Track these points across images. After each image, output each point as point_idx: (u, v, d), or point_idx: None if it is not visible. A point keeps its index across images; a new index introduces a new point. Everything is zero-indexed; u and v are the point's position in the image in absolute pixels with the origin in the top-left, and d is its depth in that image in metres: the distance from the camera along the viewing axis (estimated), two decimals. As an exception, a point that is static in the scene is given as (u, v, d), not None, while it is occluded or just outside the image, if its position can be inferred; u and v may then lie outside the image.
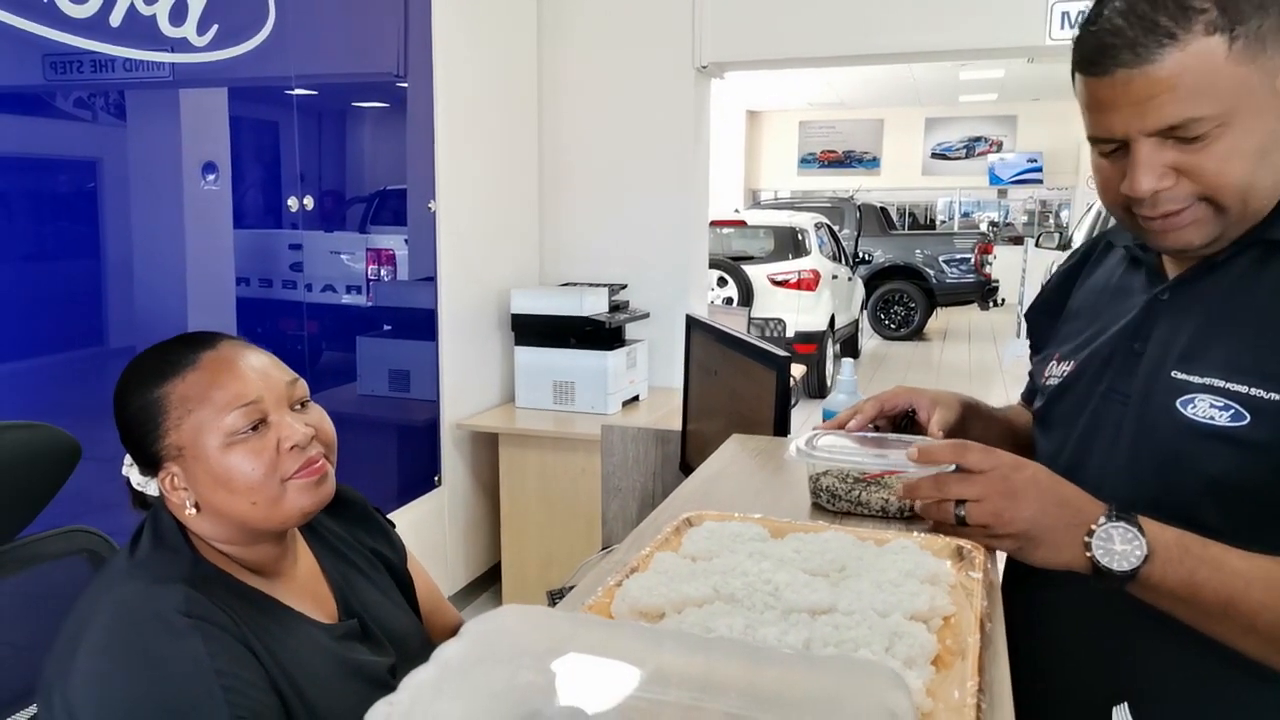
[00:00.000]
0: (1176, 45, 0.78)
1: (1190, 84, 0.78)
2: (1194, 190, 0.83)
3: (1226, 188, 0.82)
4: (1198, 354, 0.86)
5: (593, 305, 3.25)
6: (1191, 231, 0.85)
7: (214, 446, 0.94)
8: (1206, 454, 0.83)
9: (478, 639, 0.47)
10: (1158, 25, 0.79)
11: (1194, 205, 0.84)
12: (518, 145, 3.55)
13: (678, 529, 0.88)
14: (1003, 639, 0.73)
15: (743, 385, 1.68)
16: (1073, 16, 3.18)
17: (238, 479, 0.94)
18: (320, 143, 2.80)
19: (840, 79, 11.29)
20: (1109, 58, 0.81)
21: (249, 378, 0.97)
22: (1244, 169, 0.81)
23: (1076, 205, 12.97)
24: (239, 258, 2.41)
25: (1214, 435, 0.82)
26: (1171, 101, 0.79)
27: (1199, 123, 0.79)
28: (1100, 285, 1.06)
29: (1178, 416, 0.85)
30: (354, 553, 1.15)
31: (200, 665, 0.84)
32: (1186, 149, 0.81)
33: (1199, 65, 0.78)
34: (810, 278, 7.11)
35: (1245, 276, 0.87)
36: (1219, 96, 0.79)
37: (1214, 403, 0.83)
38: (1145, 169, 0.83)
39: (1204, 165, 0.81)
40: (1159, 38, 0.78)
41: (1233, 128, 0.80)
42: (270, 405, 0.97)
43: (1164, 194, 0.83)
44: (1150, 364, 0.91)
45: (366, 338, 3.00)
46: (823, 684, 0.47)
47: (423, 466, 3.13)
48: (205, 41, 2.18)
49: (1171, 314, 0.91)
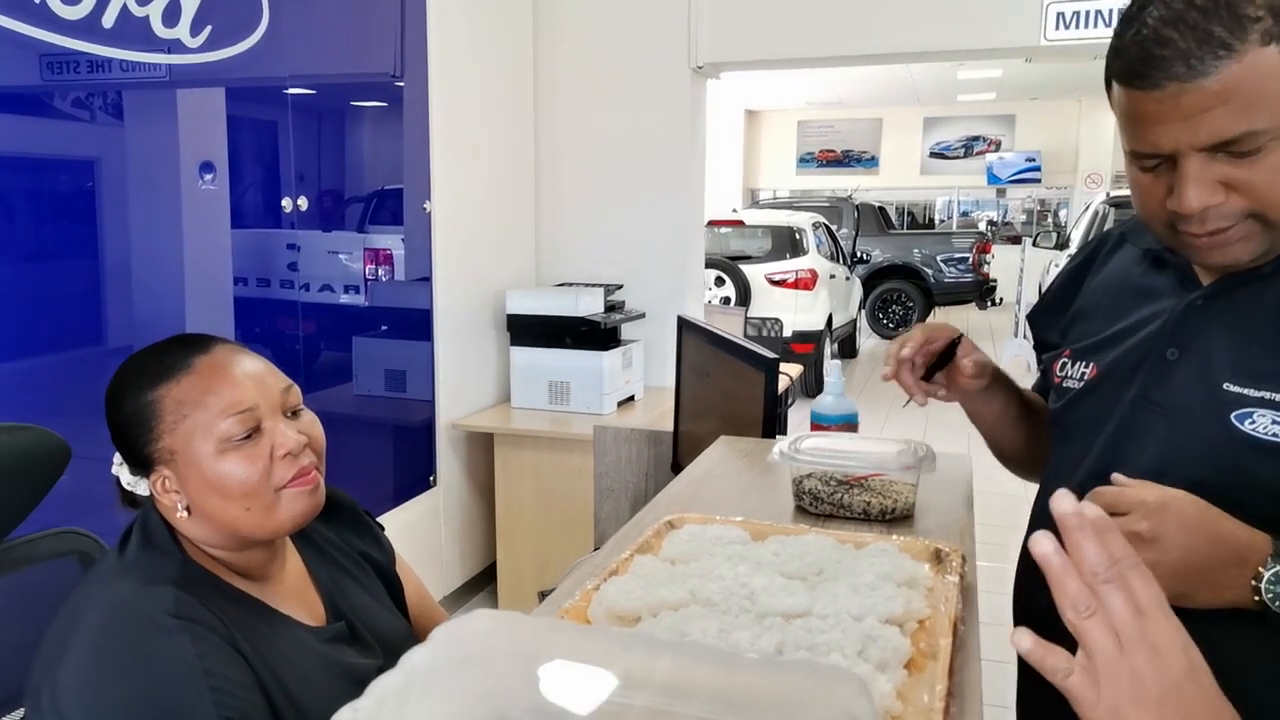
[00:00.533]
0: (1232, 56, 0.74)
1: (1246, 96, 0.75)
2: (1244, 206, 0.79)
3: (1279, 202, 0.79)
4: (1253, 367, 0.83)
5: (588, 305, 3.26)
6: (1240, 248, 0.82)
7: (208, 452, 0.94)
8: (1269, 471, 0.81)
9: (446, 643, 0.48)
10: (1212, 36, 0.74)
11: (1242, 222, 0.80)
12: (514, 145, 3.55)
13: (658, 532, 0.88)
14: (976, 642, 0.74)
15: (734, 386, 1.69)
16: (1068, 17, 3.18)
17: (231, 485, 0.94)
18: (318, 142, 2.81)
19: (838, 78, 11.27)
20: (1159, 69, 0.76)
21: (244, 384, 0.97)
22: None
23: (1074, 204, 12.97)
24: (237, 257, 2.41)
25: (1276, 452, 0.80)
26: (1226, 115, 0.75)
27: (1254, 136, 0.76)
28: (1116, 283, 1.02)
29: (1234, 430, 0.82)
30: (342, 555, 1.16)
31: (189, 666, 0.84)
32: (1238, 163, 0.78)
33: (1254, 76, 0.74)
34: (808, 277, 7.10)
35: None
36: (1275, 108, 0.75)
37: (1276, 418, 0.81)
38: (1195, 185, 0.79)
39: (1256, 179, 0.78)
40: (1214, 49, 0.74)
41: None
42: (265, 412, 0.97)
43: (1213, 210, 0.80)
44: (1193, 374, 0.88)
45: (363, 338, 3.00)
46: (787, 689, 0.47)
47: (418, 467, 3.14)
48: (199, 43, 2.18)
49: (1211, 322, 0.88)
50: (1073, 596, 0.56)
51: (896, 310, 10.51)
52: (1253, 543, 0.77)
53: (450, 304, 3.16)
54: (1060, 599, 0.57)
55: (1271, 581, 0.74)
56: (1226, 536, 0.77)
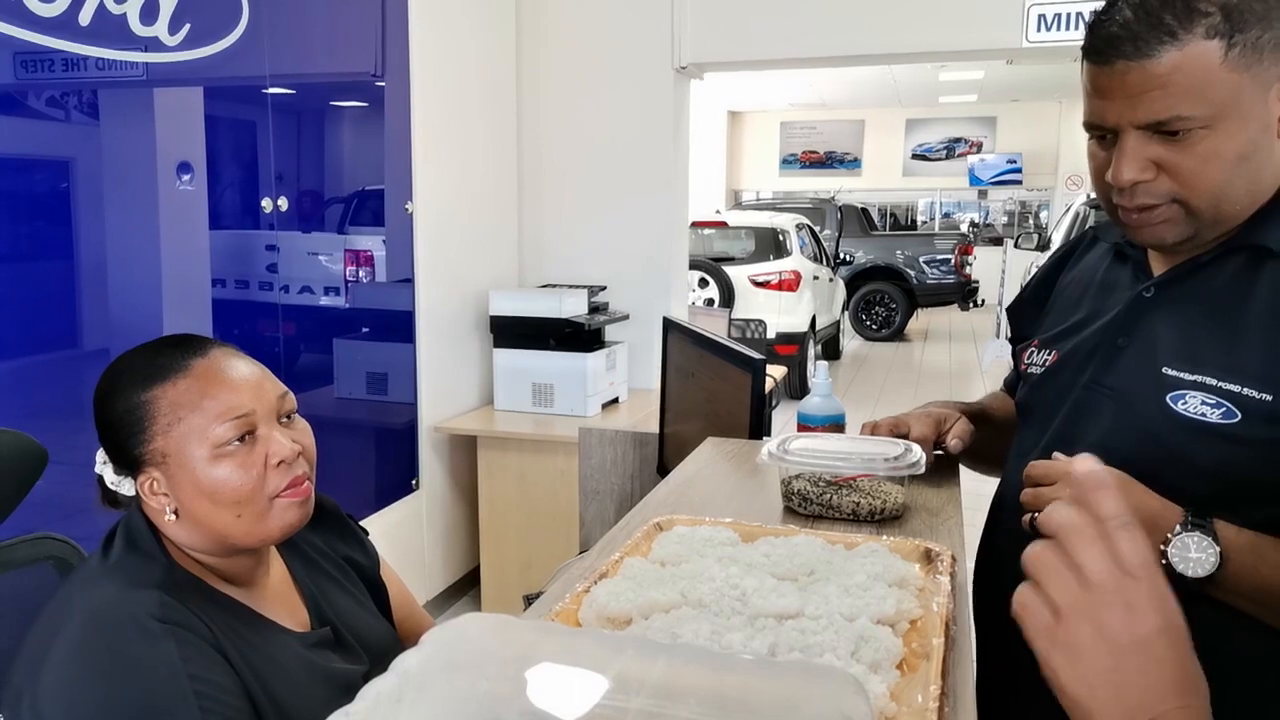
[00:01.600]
0: (1176, 44, 0.81)
1: (1183, 83, 0.81)
2: (1170, 188, 0.86)
3: (1200, 189, 0.85)
4: (1189, 352, 0.89)
5: (572, 307, 3.25)
6: (1164, 229, 0.89)
7: (201, 456, 0.93)
8: (1198, 448, 0.86)
9: (438, 648, 0.47)
10: (1162, 22, 0.82)
11: (1167, 205, 0.87)
12: (496, 146, 3.54)
13: (648, 534, 0.88)
14: (968, 641, 0.73)
15: (719, 388, 1.68)
16: (1049, 19, 3.20)
17: (224, 491, 0.93)
18: (298, 143, 2.79)
19: (821, 80, 11.32)
20: (1112, 48, 0.84)
21: (241, 389, 0.96)
22: (1220, 173, 0.84)
23: (1055, 206, 13.08)
24: (215, 259, 2.39)
25: (1205, 431, 0.85)
26: (1162, 97, 0.82)
27: (1185, 121, 0.82)
28: (1085, 278, 1.09)
29: (1169, 411, 0.88)
30: (326, 560, 1.15)
31: (174, 670, 0.83)
32: (1170, 145, 0.84)
33: (1194, 66, 0.81)
34: (791, 279, 7.13)
35: (1235, 279, 0.90)
36: (1208, 99, 0.82)
37: (1206, 400, 0.86)
38: (1129, 159, 0.86)
39: (1183, 164, 0.84)
40: (1160, 35, 0.82)
41: (1216, 131, 0.83)
42: (260, 418, 0.96)
43: (1142, 187, 0.87)
44: (1137, 359, 0.93)
45: (344, 340, 2.98)
46: (782, 690, 0.47)
47: (401, 470, 3.12)
48: (177, 41, 2.16)
49: (1158, 311, 0.94)
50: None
51: (879, 311, 10.55)
52: (1164, 512, 0.83)
53: (432, 305, 3.14)
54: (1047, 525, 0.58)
55: (1178, 546, 0.81)
56: (1140, 505, 0.83)
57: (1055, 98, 13.07)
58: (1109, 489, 0.57)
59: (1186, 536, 0.80)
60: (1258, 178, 0.87)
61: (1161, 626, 0.55)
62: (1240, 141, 0.84)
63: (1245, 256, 0.90)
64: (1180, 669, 0.55)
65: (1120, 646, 0.55)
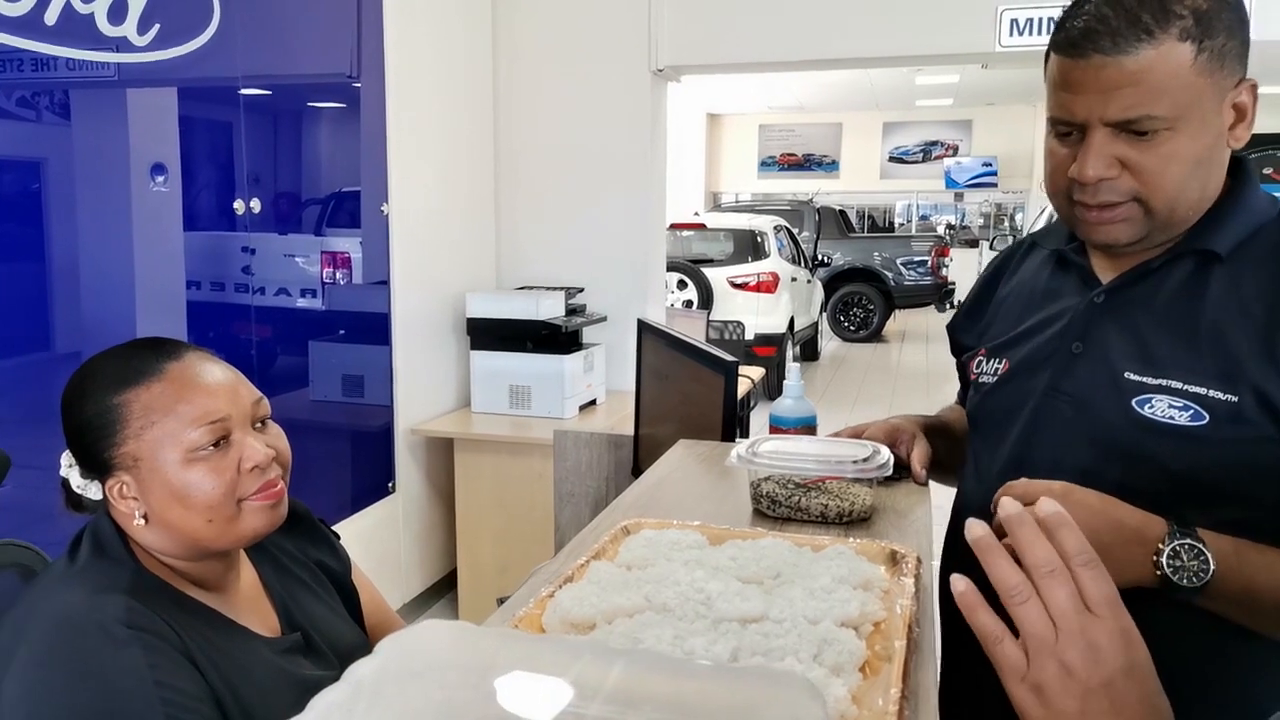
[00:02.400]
0: (1152, 42, 0.83)
1: (1154, 82, 0.83)
2: (1132, 187, 0.87)
3: (1160, 190, 0.87)
4: (1149, 356, 0.90)
5: (549, 309, 3.24)
6: (1121, 229, 0.90)
7: (173, 461, 0.92)
8: (1167, 450, 0.87)
9: (394, 655, 0.47)
10: (1140, 20, 0.83)
11: (1128, 204, 0.88)
12: (473, 147, 3.53)
13: (615, 537, 0.88)
14: (931, 643, 0.74)
15: (693, 390, 1.68)
16: (1021, 24, 3.23)
17: (196, 496, 0.93)
18: (274, 144, 2.77)
19: (799, 83, 11.37)
20: (1089, 41, 0.85)
21: (217, 394, 0.95)
22: (1179, 174, 0.86)
23: (1030, 208, 13.20)
24: (190, 261, 2.37)
25: (1174, 433, 0.87)
26: (1134, 95, 0.84)
27: (1153, 120, 0.84)
28: (1026, 286, 1.09)
29: (1135, 415, 0.89)
30: (297, 565, 1.14)
31: (140, 677, 0.82)
32: (1135, 144, 0.86)
33: (1166, 66, 0.83)
34: (769, 280, 7.15)
35: (1187, 284, 0.91)
36: (1176, 100, 0.84)
37: (1173, 403, 0.87)
38: (1095, 155, 0.87)
39: (1147, 163, 0.86)
40: (1139, 32, 0.83)
41: (1179, 133, 0.85)
42: (235, 424, 0.96)
43: (1105, 184, 0.88)
44: (1096, 364, 0.94)
45: (319, 342, 2.96)
46: (738, 696, 0.47)
47: (377, 473, 3.10)
48: (146, 41, 2.14)
49: (1111, 317, 0.95)
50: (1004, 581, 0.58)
51: (857, 313, 10.61)
52: (1148, 524, 0.83)
53: (409, 307, 3.12)
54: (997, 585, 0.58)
55: (1171, 556, 0.81)
56: (1125, 519, 0.84)
57: (1030, 101, 13.19)
58: (1071, 527, 0.58)
59: (1177, 545, 0.81)
60: (1208, 183, 0.89)
61: (1125, 666, 0.56)
62: (1200, 145, 0.86)
63: (1193, 262, 0.92)
64: (1145, 706, 0.56)
65: (1086, 688, 0.55)
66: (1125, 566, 0.81)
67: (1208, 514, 0.85)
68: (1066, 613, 0.56)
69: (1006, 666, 0.58)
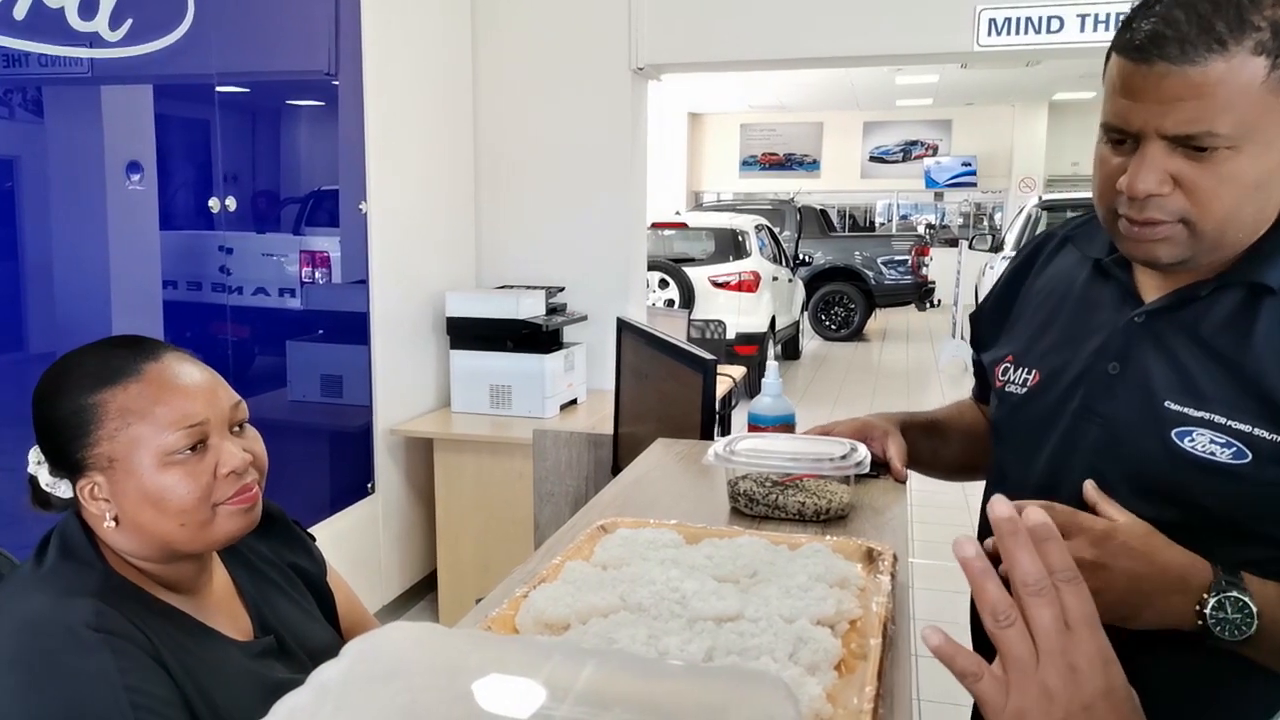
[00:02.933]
0: (1224, 54, 0.76)
1: (1221, 97, 0.77)
2: (1182, 206, 0.82)
3: (1212, 212, 0.81)
4: (1192, 387, 0.86)
5: (530, 308, 3.23)
6: (1163, 248, 0.84)
7: (148, 464, 0.91)
8: (1205, 487, 0.84)
9: (360, 659, 0.46)
10: (1213, 29, 0.76)
11: (1174, 224, 0.83)
12: (452, 146, 3.51)
13: (591, 536, 0.87)
14: (907, 640, 0.74)
15: (672, 389, 1.68)
16: (999, 23, 3.25)
17: (170, 500, 0.91)
18: (251, 142, 2.74)
19: (779, 82, 11.41)
20: (1156, 46, 0.78)
21: (195, 396, 0.94)
22: (1234, 197, 0.81)
23: (1009, 208, 13.30)
24: (166, 260, 2.34)
25: (1215, 470, 0.83)
26: (1198, 109, 0.78)
27: (1214, 138, 0.78)
28: (1059, 289, 1.04)
29: (1174, 448, 0.85)
30: (271, 568, 1.13)
31: (109, 681, 0.81)
32: (1192, 161, 0.80)
33: (1235, 81, 0.76)
34: (751, 279, 7.17)
35: (1234, 315, 0.86)
36: (1242, 118, 0.77)
37: (1215, 439, 0.83)
38: (1149, 170, 0.81)
39: (1202, 182, 0.80)
40: (1210, 41, 0.76)
41: (1241, 154, 0.79)
42: (212, 427, 0.95)
43: (1155, 201, 0.82)
44: (1133, 389, 0.90)
45: (297, 342, 2.93)
46: (710, 696, 0.46)
47: (356, 473, 3.08)
48: (119, 36, 2.11)
49: (1151, 340, 0.90)
50: (991, 604, 0.57)
51: (838, 312, 10.65)
52: (1194, 567, 0.80)
53: (388, 307, 3.10)
54: (979, 604, 0.57)
55: (1215, 608, 0.78)
56: (1170, 564, 0.80)
57: (1008, 101, 13.30)
58: (1058, 541, 0.56)
59: (1223, 598, 0.77)
60: (1264, 208, 0.84)
61: (1104, 689, 0.55)
62: (1261, 168, 0.80)
63: (1243, 292, 0.86)
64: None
65: (1067, 711, 0.55)
66: (1165, 614, 0.79)
67: (1239, 552, 0.82)
68: (1049, 633, 0.55)
69: (988, 703, 0.57)
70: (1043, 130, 13.52)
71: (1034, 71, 10.31)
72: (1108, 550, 0.78)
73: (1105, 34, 3.20)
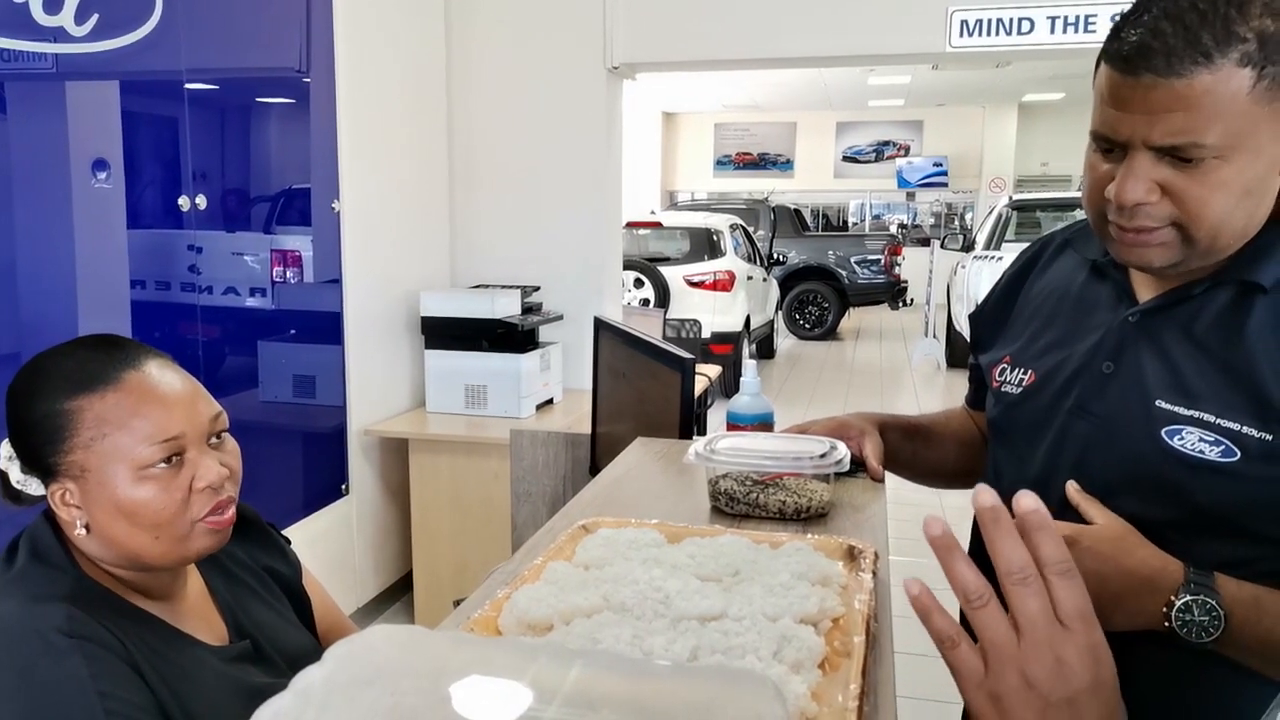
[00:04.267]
0: (1209, 66, 0.77)
1: (1208, 108, 0.77)
2: (1172, 213, 0.83)
3: (1203, 219, 0.82)
4: (1182, 386, 0.87)
5: (505, 307, 3.22)
6: (1155, 252, 0.85)
7: (123, 475, 0.89)
8: (1196, 485, 0.84)
9: (343, 662, 0.45)
10: (1199, 41, 0.77)
11: (1166, 229, 0.84)
12: (426, 144, 3.49)
13: (572, 536, 0.87)
14: (889, 638, 0.74)
15: (650, 388, 1.68)
16: (971, 25, 3.29)
17: (144, 514, 0.90)
18: (220, 140, 2.71)
19: (753, 82, 11.46)
20: (1143, 58, 0.79)
21: (174, 409, 0.92)
22: (1224, 204, 0.81)
23: (980, 208, 13.44)
24: (134, 259, 2.30)
25: (1204, 468, 0.83)
26: (1184, 120, 0.78)
27: (1201, 149, 0.79)
28: (1058, 290, 1.05)
29: (1164, 446, 0.85)
30: (246, 572, 1.11)
31: (82, 687, 0.80)
32: (1180, 170, 0.81)
33: (1221, 93, 0.77)
34: (726, 279, 7.19)
35: (1226, 314, 0.87)
36: (1228, 128, 0.78)
37: (1204, 437, 0.84)
38: (1135, 179, 0.82)
39: (1190, 190, 0.81)
40: (1196, 54, 0.77)
41: (1229, 163, 0.80)
42: (190, 441, 0.93)
43: (1143, 209, 0.83)
44: (1127, 388, 0.91)
45: (269, 342, 2.90)
46: (698, 696, 0.46)
47: (329, 475, 3.05)
48: (85, 31, 2.07)
49: (1146, 339, 0.91)
50: (962, 584, 0.56)
51: (812, 311, 10.71)
52: (1165, 569, 0.81)
53: (361, 306, 3.08)
54: (951, 585, 0.56)
55: (1181, 610, 0.79)
56: (1139, 567, 0.81)
57: (979, 103, 13.45)
58: (1050, 531, 0.55)
59: (1190, 600, 0.79)
60: (1255, 213, 0.84)
61: (1091, 685, 0.54)
62: (1250, 175, 0.80)
63: (1235, 291, 0.87)
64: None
65: (1048, 702, 0.53)
66: (1135, 615, 0.81)
67: (1230, 550, 0.83)
68: (1036, 624, 0.54)
69: (963, 671, 0.56)
70: (1012, 131, 13.69)
71: (1004, 73, 10.43)
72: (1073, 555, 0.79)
73: (1075, 36, 3.24)
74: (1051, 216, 7.97)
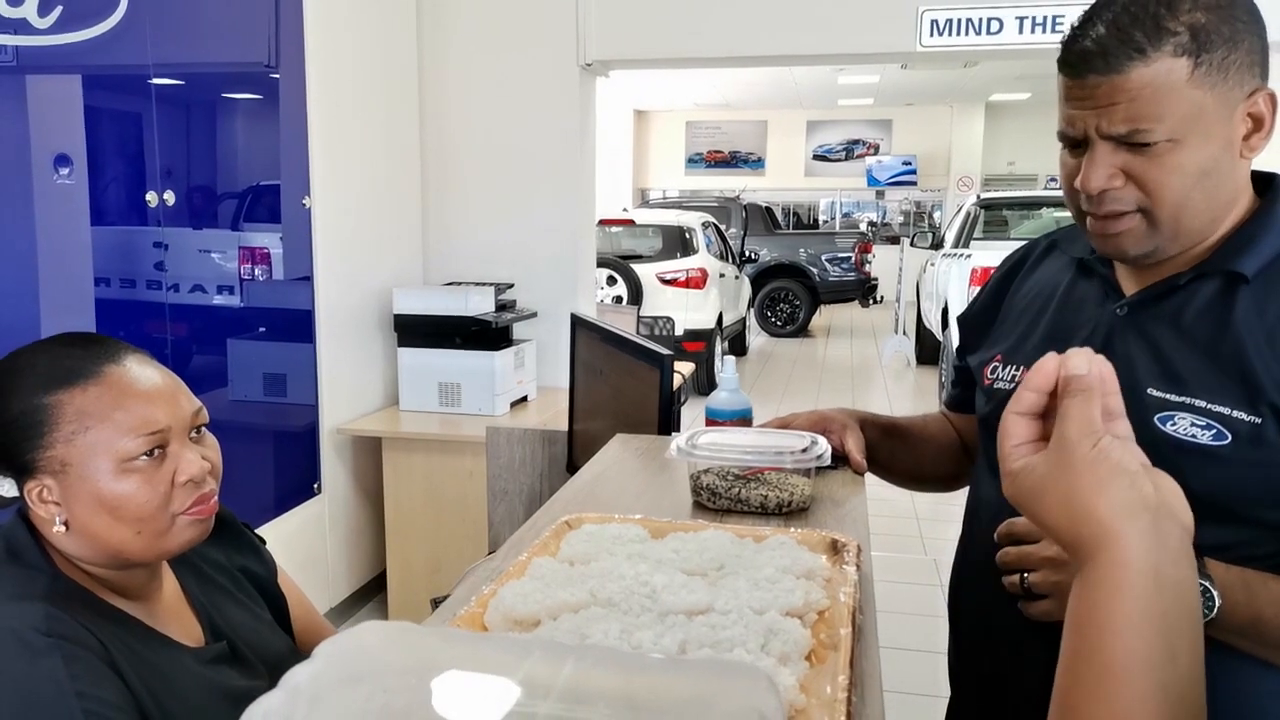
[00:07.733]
0: (1144, 60, 0.84)
1: (1149, 97, 0.84)
2: (1137, 197, 0.88)
3: (1164, 200, 0.88)
4: (1172, 374, 0.90)
5: (478, 305, 3.20)
6: (1126, 239, 0.91)
7: (105, 470, 0.88)
8: (1188, 469, 0.83)
9: (332, 660, 0.45)
10: (1132, 39, 0.85)
11: (1132, 214, 0.89)
12: (398, 141, 3.46)
13: (556, 533, 0.86)
14: (874, 630, 0.74)
15: (628, 384, 1.67)
16: (940, 24, 3.31)
17: (127, 508, 0.89)
18: (187, 135, 2.67)
19: (725, 80, 11.49)
20: (1084, 62, 0.87)
21: (156, 402, 0.91)
22: (1182, 185, 0.87)
23: (948, 206, 13.57)
24: (98, 257, 2.26)
25: (1196, 452, 0.86)
26: (1129, 110, 0.85)
27: (1148, 134, 0.85)
28: (1046, 289, 1.08)
29: (1157, 432, 0.88)
30: (220, 573, 1.10)
31: (59, 688, 0.79)
32: (1137, 155, 0.87)
33: (1160, 82, 0.84)
34: (698, 276, 7.21)
35: (1212, 303, 0.91)
36: (1173, 113, 0.85)
37: (1195, 422, 0.87)
38: (1098, 167, 0.88)
39: (1149, 174, 0.87)
40: (1130, 51, 0.84)
41: (1182, 145, 0.86)
42: (173, 434, 0.92)
43: (1110, 194, 0.89)
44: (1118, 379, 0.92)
45: (239, 340, 2.86)
46: (693, 689, 0.46)
47: (301, 474, 3.02)
48: (48, 23, 2.03)
49: (1135, 330, 0.95)
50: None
51: (784, 308, 10.77)
52: None
53: (333, 304, 3.04)
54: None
55: None
56: None
57: (946, 102, 13.58)
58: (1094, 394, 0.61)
59: None
60: (1216, 194, 0.89)
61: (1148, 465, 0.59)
62: (1203, 156, 0.86)
63: (1219, 281, 0.92)
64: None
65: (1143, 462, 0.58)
66: None
67: (1222, 534, 0.85)
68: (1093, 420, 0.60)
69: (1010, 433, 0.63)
70: (980, 130, 13.84)
71: (971, 73, 10.54)
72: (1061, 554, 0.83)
73: (1042, 36, 3.28)
74: (1018, 215, 8.07)
